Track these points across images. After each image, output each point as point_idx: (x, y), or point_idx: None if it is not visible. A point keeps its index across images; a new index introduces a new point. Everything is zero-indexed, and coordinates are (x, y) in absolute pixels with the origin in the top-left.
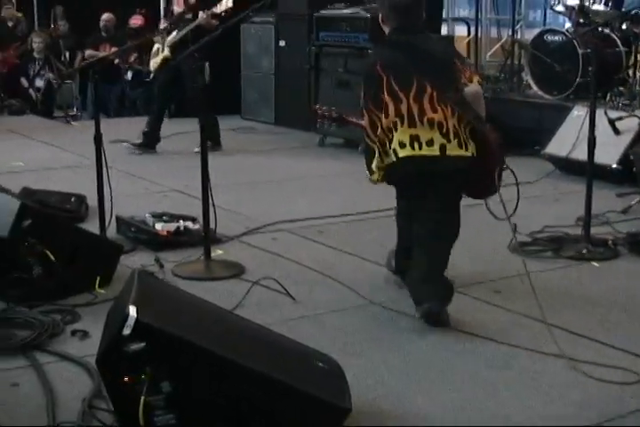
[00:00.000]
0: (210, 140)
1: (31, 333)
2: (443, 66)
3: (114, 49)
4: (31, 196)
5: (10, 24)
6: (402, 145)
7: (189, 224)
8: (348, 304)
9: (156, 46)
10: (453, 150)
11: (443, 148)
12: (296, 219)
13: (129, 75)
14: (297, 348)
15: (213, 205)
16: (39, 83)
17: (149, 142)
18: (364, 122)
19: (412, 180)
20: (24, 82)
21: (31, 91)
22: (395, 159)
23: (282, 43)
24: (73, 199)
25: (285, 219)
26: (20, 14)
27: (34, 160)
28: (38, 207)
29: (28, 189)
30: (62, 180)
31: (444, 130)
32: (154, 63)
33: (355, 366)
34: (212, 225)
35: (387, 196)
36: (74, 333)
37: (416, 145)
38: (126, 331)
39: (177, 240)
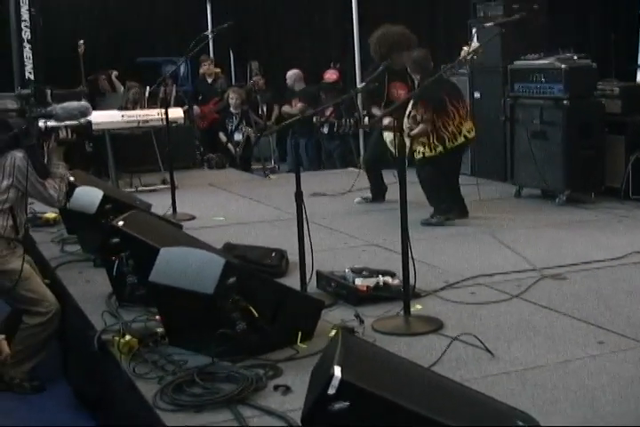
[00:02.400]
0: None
1: (235, 387)
2: None
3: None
4: (233, 250)
5: (209, 80)
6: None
7: (388, 279)
8: (547, 360)
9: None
10: None
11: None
12: (494, 273)
13: (325, 129)
14: (496, 406)
15: (412, 260)
16: (237, 137)
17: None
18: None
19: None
20: (222, 136)
21: (230, 145)
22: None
23: (477, 94)
24: (273, 254)
25: (483, 273)
26: (218, 70)
27: (234, 214)
28: (242, 264)
29: (230, 244)
30: (262, 234)
31: None
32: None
33: (555, 425)
34: (410, 279)
35: (589, 249)
36: (276, 388)
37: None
38: (331, 391)
39: (376, 295)
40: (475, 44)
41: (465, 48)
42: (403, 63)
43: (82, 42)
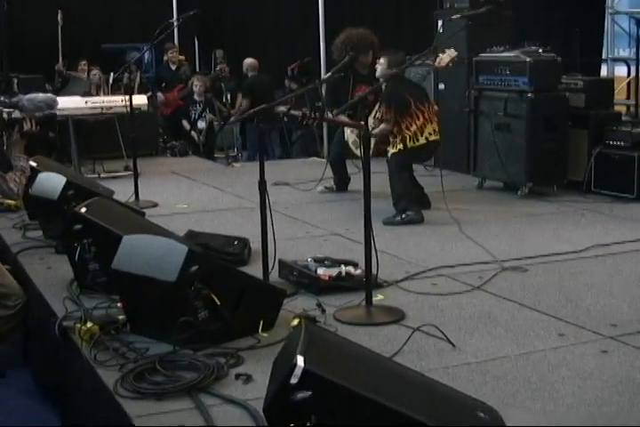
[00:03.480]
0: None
1: (196, 375)
2: None
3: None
4: (195, 238)
5: (173, 67)
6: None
7: (351, 269)
8: (507, 352)
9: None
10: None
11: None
12: (456, 264)
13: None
14: (457, 397)
15: (375, 251)
16: (201, 125)
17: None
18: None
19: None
20: (186, 124)
21: (193, 133)
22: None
23: (441, 86)
24: (236, 242)
25: (445, 264)
26: (182, 57)
27: (196, 202)
28: (205, 253)
29: (193, 232)
30: (224, 222)
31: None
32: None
33: (515, 416)
34: (373, 269)
35: (551, 242)
36: (237, 376)
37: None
38: (294, 380)
39: (338, 285)
40: (452, 51)
41: (441, 55)
42: (368, 65)
43: (59, 12)
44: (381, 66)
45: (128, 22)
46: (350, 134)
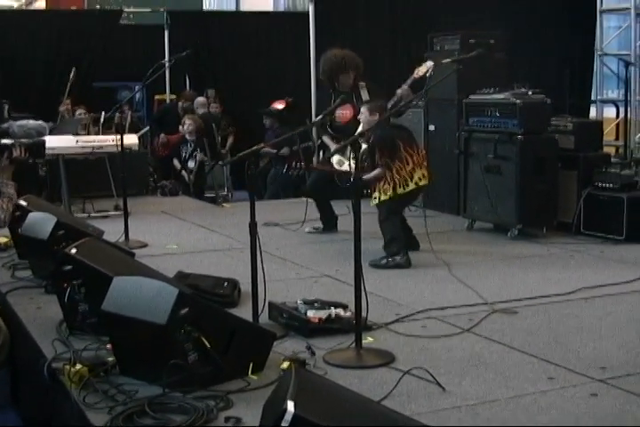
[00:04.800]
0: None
1: (186, 418)
2: None
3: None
4: (185, 279)
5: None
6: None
7: (340, 311)
8: (497, 395)
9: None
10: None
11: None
12: (446, 306)
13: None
14: None
15: (365, 293)
16: (191, 164)
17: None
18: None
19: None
20: (176, 163)
21: (183, 172)
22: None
23: (431, 127)
24: (226, 284)
25: (435, 306)
26: (173, 96)
27: (186, 242)
28: (195, 295)
29: (182, 273)
30: (214, 263)
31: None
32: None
33: None
34: (362, 312)
35: (540, 284)
36: (227, 419)
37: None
38: (284, 424)
39: (328, 327)
40: (429, 63)
41: (418, 67)
42: (349, 87)
43: (74, 69)
44: (363, 115)
45: (119, 61)
46: (338, 161)
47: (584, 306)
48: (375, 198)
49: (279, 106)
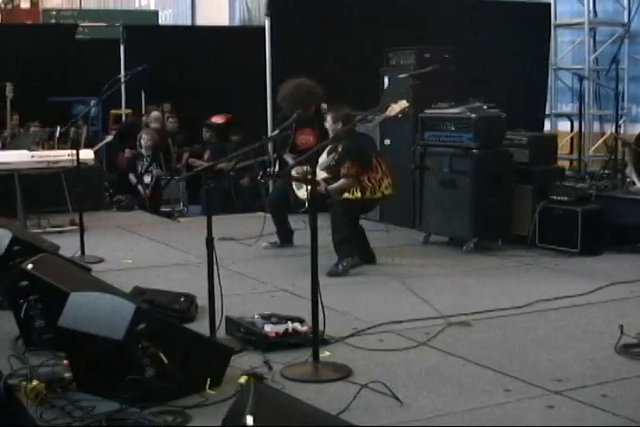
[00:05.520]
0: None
1: None
2: None
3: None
4: (142, 295)
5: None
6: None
7: (297, 326)
8: (454, 408)
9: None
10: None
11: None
12: (402, 320)
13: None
14: None
15: (322, 307)
16: (147, 179)
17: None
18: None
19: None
20: (132, 178)
21: (139, 187)
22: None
23: (387, 141)
24: (182, 299)
25: (392, 320)
26: (129, 111)
27: (143, 257)
28: (152, 310)
29: (139, 288)
30: (171, 278)
31: None
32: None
33: None
34: (320, 326)
35: (496, 296)
36: None
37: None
38: None
39: (285, 342)
40: (403, 102)
41: (393, 105)
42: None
43: (9, 84)
44: (328, 123)
45: (74, 76)
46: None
47: (539, 318)
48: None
49: (219, 120)
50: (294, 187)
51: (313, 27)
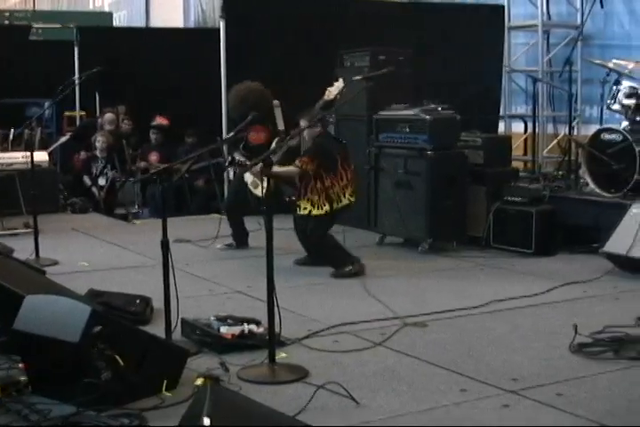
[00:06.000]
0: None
1: None
2: None
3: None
4: (97, 297)
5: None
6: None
7: (253, 327)
8: (410, 408)
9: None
10: None
11: None
12: (358, 321)
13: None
14: None
15: (278, 308)
16: (102, 181)
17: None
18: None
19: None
20: (87, 180)
21: (94, 189)
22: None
23: None
24: (138, 301)
25: (347, 321)
26: (83, 113)
27: (98, 260)
28: (108, 313)
29: (94, 291)
30: (126, 280)
31: None
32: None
33: None
34: (275, 328)
35: (451, 297)
36: None
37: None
38: None
39: (241, 343)
40: (339, 83)
41: (329, 88)
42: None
43: None
44: (305, 129)
45: (28, 77)
46: (248, 175)
47: (494, 319)
48: (305, 209)
49: (164, 122)
50: (250, 187)
51: (267, 28)
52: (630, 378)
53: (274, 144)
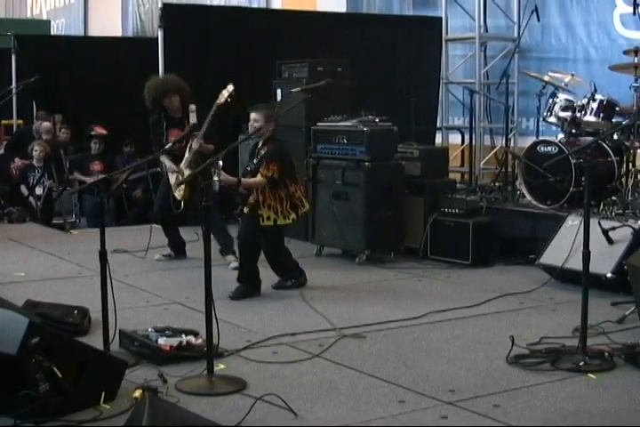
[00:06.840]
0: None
1: None
2: None
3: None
4: (34, 308)
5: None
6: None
7: (192, 338)
8: (349, 420)
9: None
10: None
11: None
12: (296, 332)
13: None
14: None
15: (216, 320)
16: (39, 191)
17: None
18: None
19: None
20: (24, 190)
21: (31, 198)
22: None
23: None
24: (76, 312)
25: (286, 332)
26: (20, 121)
27: (35, 270)
28: (45, 324)
29: (31, 301)
30: (63, 291)
31: None
32: (179, 193)
33: None
34: (214, 339)
35: (389, 308)
36: None
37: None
38: None
39: (180, 355)
40: (230, 87)
41: (223, 91)
42: (178, 109)
43: None
44: (259, 123)
45: None
46: (171, 176)
47: (432, 330)
48: (269, 219)
49: (102, 131)
50: (173, 185)
51: (206, 39)
52: (566, 389)
53: (194, 144)
